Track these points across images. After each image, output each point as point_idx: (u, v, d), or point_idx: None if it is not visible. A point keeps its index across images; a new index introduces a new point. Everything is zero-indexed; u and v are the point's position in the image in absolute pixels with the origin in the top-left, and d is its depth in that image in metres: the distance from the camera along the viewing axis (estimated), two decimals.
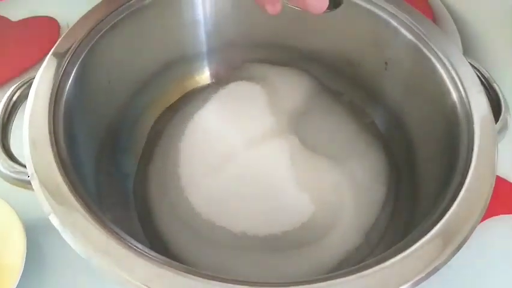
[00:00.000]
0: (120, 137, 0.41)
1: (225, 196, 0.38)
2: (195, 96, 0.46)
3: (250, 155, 0.40)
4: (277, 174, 0.40)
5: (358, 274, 0.25)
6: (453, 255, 0.27)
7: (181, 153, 0.41)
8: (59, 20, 0.56)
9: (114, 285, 0.37)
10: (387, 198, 0.40)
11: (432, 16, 0.55)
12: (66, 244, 0.36)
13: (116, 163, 0.40)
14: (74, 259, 0.38)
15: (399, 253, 0.26)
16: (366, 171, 0.42)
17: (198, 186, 0.39)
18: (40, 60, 0.51)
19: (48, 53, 0.51)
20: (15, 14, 0.57)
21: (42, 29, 0.56)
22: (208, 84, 0.48)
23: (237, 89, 0.45)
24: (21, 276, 0.35)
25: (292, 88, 0.46)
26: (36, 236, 0.39)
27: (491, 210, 0.41)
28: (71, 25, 0.55)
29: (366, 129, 0.45)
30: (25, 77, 0.35)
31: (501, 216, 0.42)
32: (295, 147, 0.41)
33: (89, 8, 0.38)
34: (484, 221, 0.41)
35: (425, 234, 0.27)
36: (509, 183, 0.44)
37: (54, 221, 0.26)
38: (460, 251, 0.27)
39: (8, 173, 0.30)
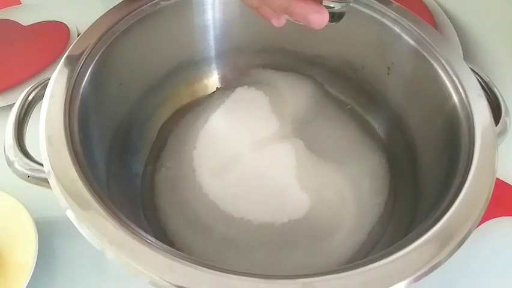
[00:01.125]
0: (130, 137, 0.42)
1: (232, 195, 0.39)
2: (203, 99, 0.47)
3: (256, 157, 0.41)
4: (282, 175, 0.40)
5: (362, 268, 0.26)
6: (453, 253, 0.27)
7: (189, 154, 0.42)
8: (68, 25, 0.58)
9: (123, 283, 0.38)
10: (388, 199, 0.41)
11: (434, 23, 0.56)
12: (77, 242, 0.38)
13: (125, 162, 0.41)
14: (85, 257, 0.39)
15: (401, 249, 0.27)
16: (368, 174, 0.42)
17: (205, 186, 0.40)
18: (51, 63, 0.53)
19: (58, 56, 0.53)
20: (26, 19, 0.59)
21: (53, 33, 0.57)
22: (217, 87, 0.49)
23: (244, 94, 0.46)
24: (32, 274, 0.36)
25: (296, 93, 0.47)
26: (48, 234, 0.40)
27: (492, 212, 0.42)
28: (80, 29, 0.57)
29: (368, 133, 0.46)
30: (36, 80, 0.36)
31: (501, 218, 0.42)
32: (299, 151, 0.42)
33: (98, 13, 0.38)
34: (485, 223, 0.42)
35: (426, 232, 0.28)
36: (510, 185, 0.45)
37: (71, 216, 0.27)
38: (461, 251, 0.28)
39: (24, 170, 0.31)
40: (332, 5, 0.31)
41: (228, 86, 0.48)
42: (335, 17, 0.32)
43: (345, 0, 0.32)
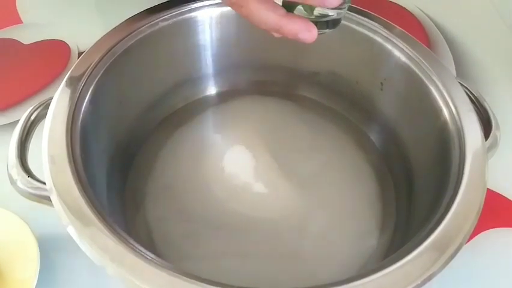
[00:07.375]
0: (129, 154, 0.43)
1: (231, 214, 0.40)
2: (201, 116, 0.48)
3: (253, 180, 0.42)
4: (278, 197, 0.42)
5: (355, 283, 0.26)
6: (446, 265, 0.28)
7: (187, 171, 0.43)
8: (69, 43, 0.59)
9: None
10: (383, 213, 0.42)
11: (427, 39, 0.57)
12: (78, 259, 0.38)
13: (125, 179, 0.42)
14: (86, 273, 0.40)
15: (394, 263, 0.28)
16: (363, 189, 0.43)
17: (203, 203, 0.41)
18: (52, 81, 0.53)
19: (59, 74, 0.54)
20: (28, 38, 0.59)
21: (54, 52, 0.58)
22: (214, 104, 0.50)
23: (241, 111, 0.48)
24: None
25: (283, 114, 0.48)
26: (49, 251, 0.40)
27: (485, 224, 0.43)
28: (80, 47, 0.58)
29: (363, 147, 0.46)
30: (38, 98, 0.37)
31: (495, 229, 0.43)
32: (292, 173, 0.43)
33: (98, 31, 0.39)
34: (478, 235, 0.42)
35: (419, 246, 0.29)
36: (503, 196, 0.45)
37: (72, 232, 0.28)
38: (455, 263, 0.28)
39: (26, 188, 0.32)
40: (328, 13, 0.32)
41: (225, 103, 0.49)
42: (330, 24, 0.32)
43: (339, 8, 0.32)
